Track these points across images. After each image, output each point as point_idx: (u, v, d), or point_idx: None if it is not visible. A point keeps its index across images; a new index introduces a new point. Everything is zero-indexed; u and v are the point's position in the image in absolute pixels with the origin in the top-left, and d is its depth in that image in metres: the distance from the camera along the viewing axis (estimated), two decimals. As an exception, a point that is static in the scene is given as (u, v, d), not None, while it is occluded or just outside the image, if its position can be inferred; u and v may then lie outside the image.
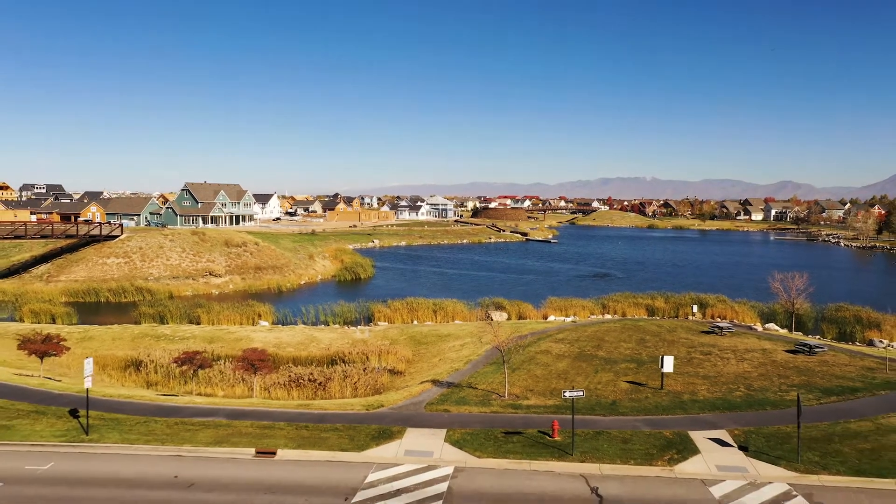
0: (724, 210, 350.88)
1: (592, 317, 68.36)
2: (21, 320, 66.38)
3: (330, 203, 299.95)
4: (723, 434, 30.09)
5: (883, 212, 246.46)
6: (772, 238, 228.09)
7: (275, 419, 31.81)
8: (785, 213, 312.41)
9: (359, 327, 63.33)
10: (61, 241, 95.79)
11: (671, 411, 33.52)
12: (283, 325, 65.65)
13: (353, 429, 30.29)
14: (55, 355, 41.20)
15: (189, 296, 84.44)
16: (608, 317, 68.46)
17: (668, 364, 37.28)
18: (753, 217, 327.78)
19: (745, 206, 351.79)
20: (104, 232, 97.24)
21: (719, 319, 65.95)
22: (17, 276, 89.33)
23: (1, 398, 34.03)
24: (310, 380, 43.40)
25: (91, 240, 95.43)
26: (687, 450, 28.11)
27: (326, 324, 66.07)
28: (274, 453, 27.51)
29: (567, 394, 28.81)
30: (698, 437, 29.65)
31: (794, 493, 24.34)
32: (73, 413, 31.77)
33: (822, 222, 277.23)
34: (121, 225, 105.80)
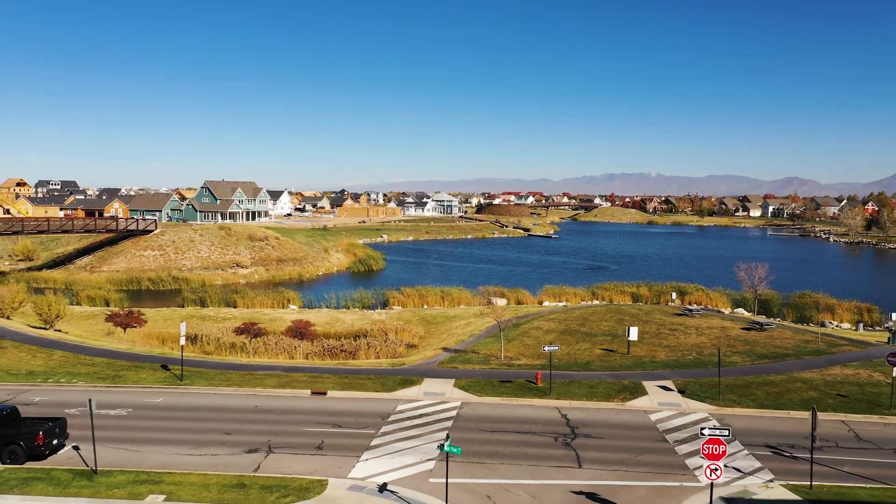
0: (724, 206, 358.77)
1: (583, 303, 77.02)
2: (79, 304, 75.47)
3: (337, 199, 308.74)
4: (668, 383, 38.92)
5: (875, 208, 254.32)
6: (768, 234, 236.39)
7: (321, 372, 40.82)
8: (782, 209, 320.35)
9: (376, 310, 72.28)
10: (101, 235, 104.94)
11: (632, 368, 42.34)
12: (309, 308, 74.62)
13: (384, 378, 39.27)
14: (136, 327, 50.21)
15: (219, 285, 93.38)
16: (596, 302, 77.16)
17: (634, 333, 46.08)
18: (752, 213, 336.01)
19: (744, 202, 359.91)
20: (140, 227, 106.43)
21: (695, 305, 74.48)
22: (64, 267, 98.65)
23: (105, 357, 43.20)
24: (341, 349, 52.37)
25: (128, 234, 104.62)
26: (638, 392, 36.94)
27: (347, 307, 74.99)
28: (325, 393, 36.45)
29: (546, 348, 37.81)
30: (649, 384, 38.48)
31: (710, 418, 33.12)
32: (165, 367, 40.84)
33: (817, 218, 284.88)
34: (155, 221, 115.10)
